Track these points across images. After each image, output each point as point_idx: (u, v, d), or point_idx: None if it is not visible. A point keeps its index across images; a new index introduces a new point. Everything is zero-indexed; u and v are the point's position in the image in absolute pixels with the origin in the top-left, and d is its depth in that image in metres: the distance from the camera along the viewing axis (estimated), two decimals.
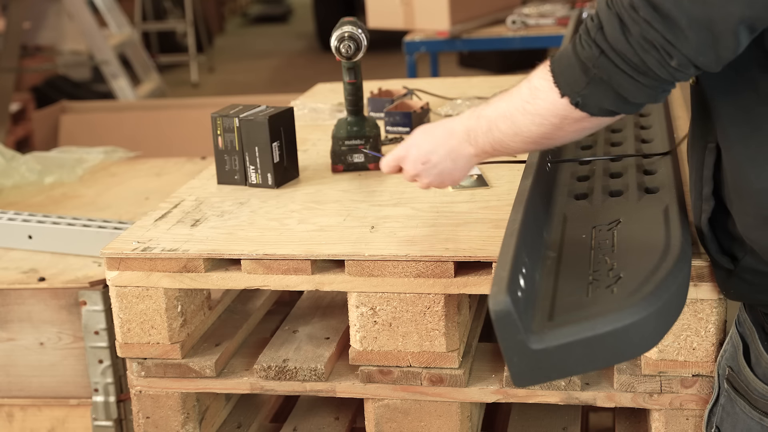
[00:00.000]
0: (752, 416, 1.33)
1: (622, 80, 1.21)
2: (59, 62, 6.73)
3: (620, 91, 1.22)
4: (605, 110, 1.26)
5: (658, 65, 1.18)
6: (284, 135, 1.92)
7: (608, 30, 1.20)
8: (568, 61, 1.25)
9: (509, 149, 1.41)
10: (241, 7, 13.20)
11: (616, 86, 1.22)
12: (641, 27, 1.16)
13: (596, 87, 1.23)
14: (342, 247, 1.60)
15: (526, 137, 1.35)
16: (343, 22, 1.91)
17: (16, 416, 2.14)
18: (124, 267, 1.65)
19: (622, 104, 1.25)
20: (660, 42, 1.16)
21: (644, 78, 1.20)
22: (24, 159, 2.84)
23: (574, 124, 1.29)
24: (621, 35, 1.18)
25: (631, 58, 1.19)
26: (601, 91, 1.23)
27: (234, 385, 1.71)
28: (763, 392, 1.31)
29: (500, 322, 1.14)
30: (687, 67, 1.18)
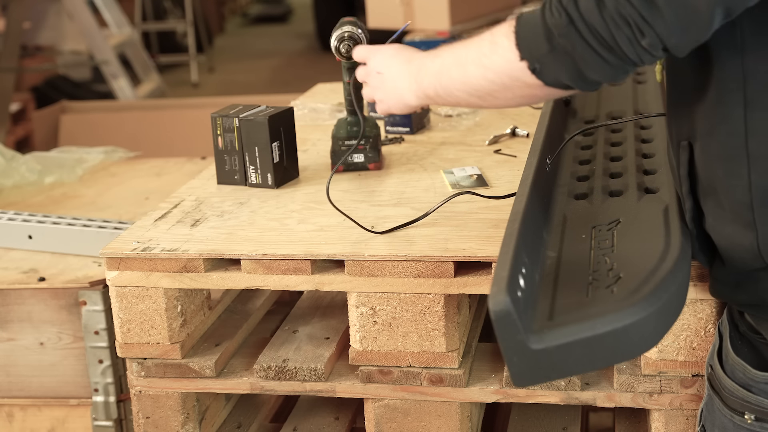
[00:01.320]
0: (725, 414, 1.34)
1: (586, 54, 1.19)
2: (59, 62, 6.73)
3: (581, 66, 1.20)
4: (561, 83, 1.24)
5: (627, 43, 1.16)
6: (284, 135, 1.92)
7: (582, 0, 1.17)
8: (534, 26, 1.23)
9: (452, 98, 1.39)
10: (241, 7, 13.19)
11: (578, 59, 1.20)
12: (617, 1, 1.14)
13: (557, 56, 1.21)
14: (342, 247, 1.60)
15: (473, 89, 1.34)
16: (343, 22, 1.91)
17: (16, 416, 2.14)
18: (124, 267, 1.65)
19: (579, 80, 1.22)
20: (635, 18, 1.14)
21: (610, 55, 1.18)
22: (24, 159, 2.84)
23: (525, 89, 1.28)
24: (595, 7, 1.15)
25: (601, 32, 1.16)
26: (561, 61, 1.21)
27: (234, 385, 1.71)
28: (731, 389, 1.32)
29: (500, 322, 1.14)
30: (656, 48, 1.16)
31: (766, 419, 1.29)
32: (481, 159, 1.99)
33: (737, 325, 1.34)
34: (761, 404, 1.29)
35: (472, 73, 1.32)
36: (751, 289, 1.28)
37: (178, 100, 5.99)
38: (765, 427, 1.29)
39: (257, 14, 12.91)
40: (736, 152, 1.22)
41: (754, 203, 1.22)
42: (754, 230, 1.23)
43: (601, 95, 2.12)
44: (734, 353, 1.32)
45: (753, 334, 1.31)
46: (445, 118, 2.32)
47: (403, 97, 1.52)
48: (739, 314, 1.35)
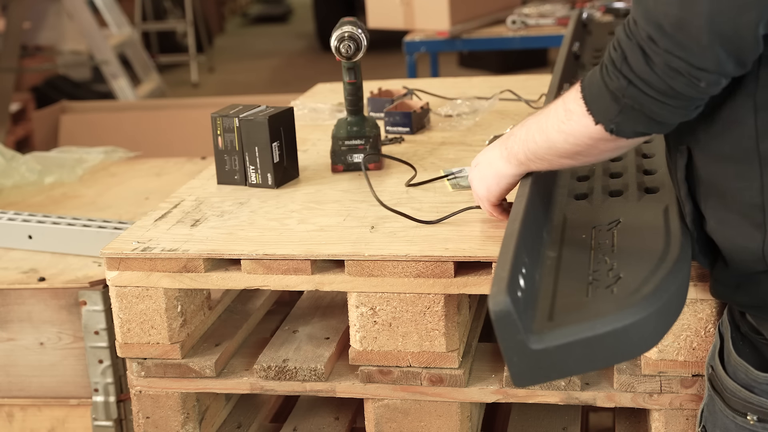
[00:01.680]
0: (727, 415, 1.34)
1: (653, 106, 1.22)
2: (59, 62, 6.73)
3: (652, 116, 1.24)
4: (640, 133, 1.28)
5: (687, 88, 1.19)
6: (284, 135, 1.92)
7: (632, 61, 1.20)
8: (599, 90, 1.27)
9: (543, 161, 1.43)
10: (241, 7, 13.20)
11: (648, 112, 1.23)
12: (664, 57, 1.17)
13: (628, 114, 1.25)
14: (342, 247, 1.60)
15: (560, 152, 1.38)
16: (343, 22, 1.91)
17: (16, 416, 2.14)
18: (124, 267, 1.65)
19: (656, 126, 1.26)
20: (685, 68, 1.17)
21: (674, 101, 1.21)
22: (24, 159, 2.84)
23: (609, 144, 1.31)
24: (646, 66, 1.19)
25: (659, 86, 1.20)
26: (633, 117, 1.25)
27: (234, 385, 1.71)
28: (734, 390, 1.33)
29: (500, 322, 1.14)
30: (718, 82, 1.19)
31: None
32: None
33: (738, 325, 1.35)
34: (764, 405, 1.29)
35: (555, 138, 1.36)
36: (752, 290, 1.28)
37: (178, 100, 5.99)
38: (767, 428, 1.29)
39: (257, 14, 12.91)
40: (748, 154, 1.23)
41: (765, 205, 1.23)
42: (763, 231, 1.23)
43: None
44: (736, 354, 1.32)
45: (754, 334, 1.31)
46: (445, 118, 2.32)
47: (495, 166, 1.53)
48: (740, 315, 1.35)
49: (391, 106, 2.27)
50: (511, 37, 4.44)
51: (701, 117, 1.27)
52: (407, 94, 2.43)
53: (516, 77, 2.87)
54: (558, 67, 2.22)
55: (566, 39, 2.49)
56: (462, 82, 2.81)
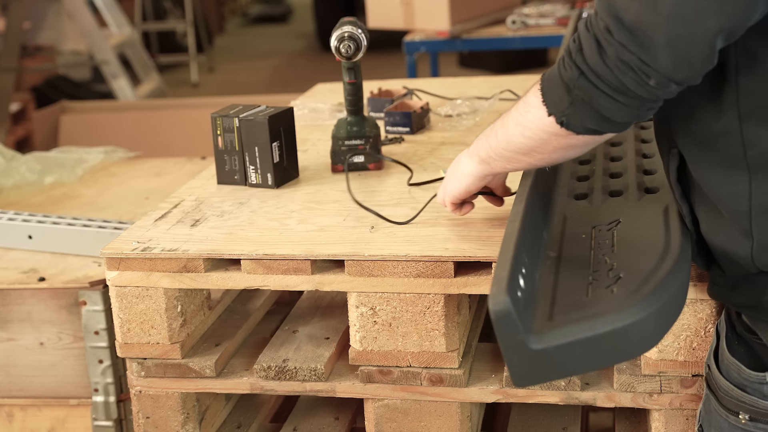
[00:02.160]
0: (720, 414, 1.34)
1: (602, 100, 1.22)
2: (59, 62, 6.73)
3: (601, 111, 1.24)
4: (589, 129, 1.28)
5: (636, 85, 1.19)
6: (284, 135, 1.92)
7: (587, 52, 1.21)
8: (554, 81, 1.27)
9: (503, 158, 1.43)
10: (241, 7, 13.20)
11: (597, 106, 1.23)
12: (617, 49, 1.17)
13: (579, 107, 1.25)
14: (342, 247, 1.60)
15: (516, 147, 1.38)
16: (343, 22, 1.91)
17: (16, 416, 2.14)
18: (124, 267, 1.65)
19: (605, 123, 1.26)
20: (636, 63, 1.17)
21: (624, 97, 1.21)
22: (24, 159, 2.84)
23: (562, 140, 1.31)
24: (598, 57, 1.19)
25: (609, 79, 1.20)
26: (583, 110, 1.25)
27: (234, 385, 1.71)
28: (727, 389, 1.33)
29: (500, 322, 1.14)
30: (666, 85, 1.19)
31: (760, 419, 1.29)
32: None
33: (734, 325, 1.35)
34: (755, 404, 1.29)
35: (512, 132, 1.37)
36: (747, 291, 1.29)
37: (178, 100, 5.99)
38: (759, 427, 1.30)
39: (257, 14, 12.91)
40: (736, 162, 1.23)
41: (752, 212, 1.23)
42: (751, 239, 1.24)
43: None
44: (729, 353, 1.33)
45: (749, 334, 1.32)
46: (445, 118, 2.32)
47: (460, 164, 1.55)
48: (736, 315, 1.35)
49: (391, 106, 2.27)
50: (511, 37, 4.44)
51: (697, 124, 1.27)
52: (407, 94, 2.43)
53: (516, 77, 2.87)
54: None
55: (566, 39, 2.49)
56: (462, 82, 2.81)
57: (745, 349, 1.32)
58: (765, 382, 1.28)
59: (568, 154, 1.36)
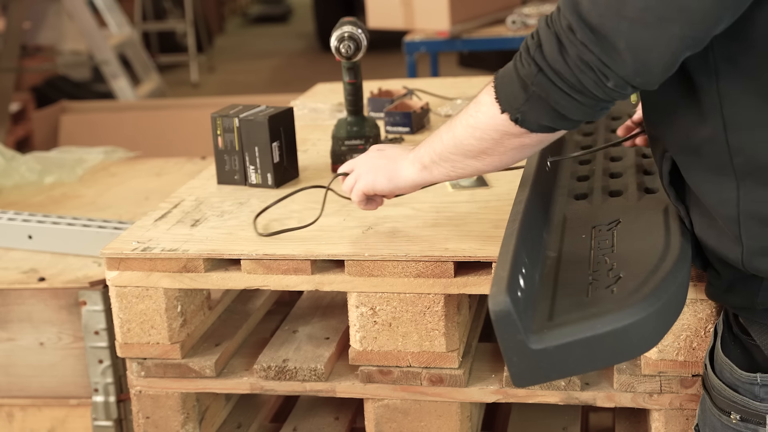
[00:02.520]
0: (714, 413, 1.35)
1: (559, 98, 1.22)
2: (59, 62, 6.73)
3: (557, 108, 1.24)
4: (544, 126, 1.28)
5: (594, 85, 1.19)
6: (284, 135, 1.92)
7: (546, 49, 1.21)
8: (509, 78, 1.27)
9: (449, 163, 1.41)
10: (241, 7, 13.19)
11: (553, 103, 1.23)
12: (578, 49, 1.17)
13: (534, 104, 1.25)
14: (342, 247, 1.60)
15: (465, 150, 1.37)
16: (343, 22, 1.91)
17: (16, 416, 2.14)
18: (124, 267, 1.65)
19: (560, 121, 1.26)
20: (596, 64, 1.17)
21: (581, 96, 1.21)
22: (24, 159, 2.84)
23: (514, 140, 1.31)
24: (558, 55, 1.19)
25: (567, 77, 1.20)
26: (539, 107, 1.25)
27: (234, 385, 1.71)
28: (719, 389, 1.33)
29: (500, 322, 1.14)
30: (624, 88, 1.19)
31: (750, 419, 1.30)
32: None
33: (731, 326, 1.35)
34: (747, 404, 1.29)
35: (461, 134, 1.36)
36: (741, 293, 1.29)
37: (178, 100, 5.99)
38: (749, 428, 1.30)
39: (257, 14, 12.91)
40: (724, 169, 1.23)
41: (740, 218, 1.23)
42: (740, 245, 1.24)
43: None
44: (723, 353, 1.33)
45: (744, 335, 1.32)
46: (445, 118, 2.32)
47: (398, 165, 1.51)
48: (733, 316, 1.35)
49: (391, 106, 2.27)
50: (511, 37, 4.44)
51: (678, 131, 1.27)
52: (407, 94, 2.43)
53: None
54: None
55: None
56: (462, 82, 2.81)
57: (740, 349, 1.33)
58: (756, 383, 1.28)
59: (518, 155, 1.35)
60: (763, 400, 1.28)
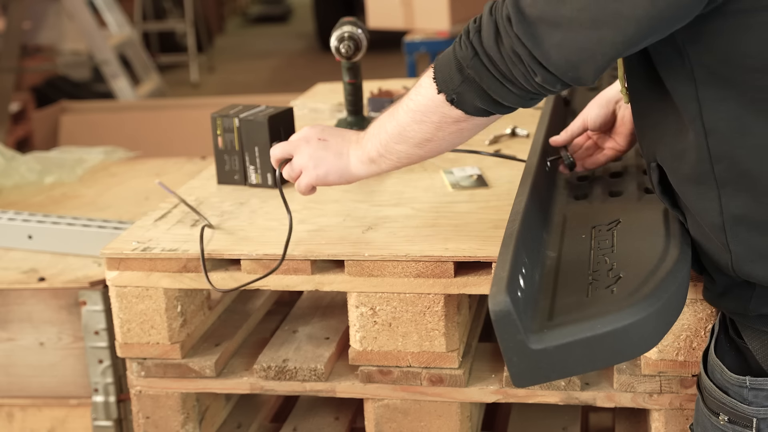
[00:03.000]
0: (705, 413, 1.35)
1: (491, 83, 1.26)
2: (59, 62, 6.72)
3: (490, 93, 1.27)
4: (479, 109, 1.31)
5: (523, 78, 1.23)
6: (284, 135, 1.92)
7: (484, 35, 1.24)
8: (447, 60, 1.30)
9: (393, 155, 1.44)
10: (241, 7, 13.20)
11: (486, 88, 1.27)
12: (512, 40, 1.20)
13: (469, 86, 1.29)
14: (342, 247, 1.60)
15: (408, 137, 1.40)
16: (343, 22, 1.91)
17: (16, 416, 2.14)
18: (124, 267, 1.65)
19: (493, 105, 1.30)
20: (526, 58, 1.20)
21: (512, 86, 1.25)
22: (24, 159, 2.84)
23: (453, 124, 1.34)
24: (494, 43, 1.23)
25: (500, 66, 1.24)
26: (473, 90, 1.29)
27: (234, 385, 1.71)
28: (710, 390, 1.34)
29: (500, 322, 1.14)
30: (553, 84, 1.22)
31: (738, 422, 1.30)
32: (481, 159, 1.99)
33: (727, 328, 1.35)
34: (735, 407, 1.30)
35: (403, 120, 1.39)
36: (735, 298, 1.30)
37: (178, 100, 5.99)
38: (737, 430, 1.30)
39: (257, 14, 12.91)
40: (706, 177, 1.23)
41: (726, 226, 1.24)
42: (729, 251, 1.24)
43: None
44: (715, 354, 1.33)
45: (738, 338, 1.32)
46: None
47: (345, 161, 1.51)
48: (729, 318, 1.35)
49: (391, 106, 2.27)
50: None
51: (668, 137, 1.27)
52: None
53: None
54: None
55: None
56: None
57: (734, 352, 1.33)
58: (746, 386, 1.28)
59: (457, 139, 1.39)
60: (751, 404, 1.28)
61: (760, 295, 1.25)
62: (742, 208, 1.21)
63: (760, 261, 1.22)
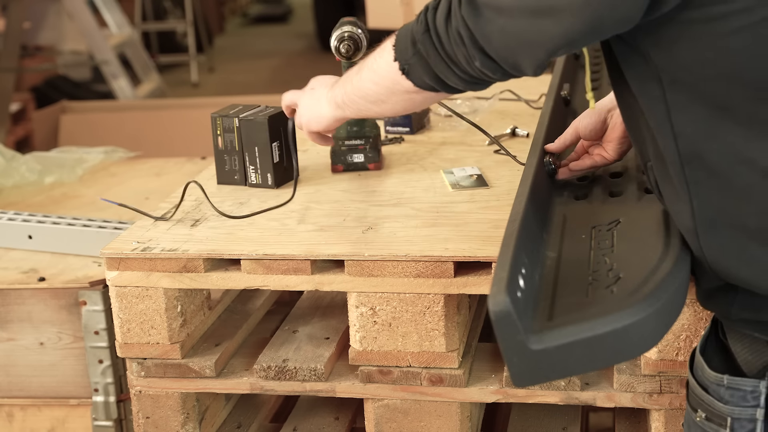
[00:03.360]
0: (688, 409, 1.35)
1: (437, 62, 1.28)
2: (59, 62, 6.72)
3: (436, 71, 1.30)
4: (426, 84, 1.33)
5: (464, 61, 1.24)
6: (284, 135, 1.92)
7: (439, 13, 1.26)
8: (406, 31, 1.33)
9: (354, 105, 1.49)
10: (241, 7, 13.19)
11: (432, 65, 1.29)
12: (458, 21, 1.22)
13: (419, 60, 1.31)
14: (342, 247, 1.60)
15: (365, 95, 1.44)
16: (342, 22, 1.91)
17: (16, 416, 2.14)
18: (124, 267, 1.65)
19: (440, 84, 1.32)
20: (468, 41, 1.22)
21: (455, 67, 1.27)
22: (24, 159, 2.84)
23: (404, 94, 1.37)
24: (444, 22, 1.25)
25: (445, 45, 1.25)
26: (422, 65, 1.31)
27: (234, 385, 1.71)
28: (692, 387, 1.34)
29: (500, 322, 1.14)
30: (494, 71, 1.24)
31: (713, 419, 1.31)
32: (481, 159, 1.99)
33: (717, 328, 1.35)
34: (712, 405, 1.30)
35: (364, 76, 1.43)
36: (719, 302, 1.30)
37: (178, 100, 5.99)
38: (712, 427, 1.31)
39: (257, 14, 12.90)
40: (678, 179, 1.23)
41: (698, 230, 1.24)
42: (702, 254, 1.24)
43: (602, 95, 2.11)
44: (701, 353, 1.34)
45: (724, 339, 1.33)
46: (445, 118, 2.31)
47: (320, 107, 1.59)
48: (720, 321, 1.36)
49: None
50: None
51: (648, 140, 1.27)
52: None
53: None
54: (558, 67, 2.22)
55: None
56: None
57: (721, 352, 1.33)
58: (723, 384, 1.29)
59: (409, 107, 1.41)
60: (727, 402, 1.29)
61: (742, 299, 1.25)
62: (712, 210, 1.21)
63: (735, 262, 1.22)
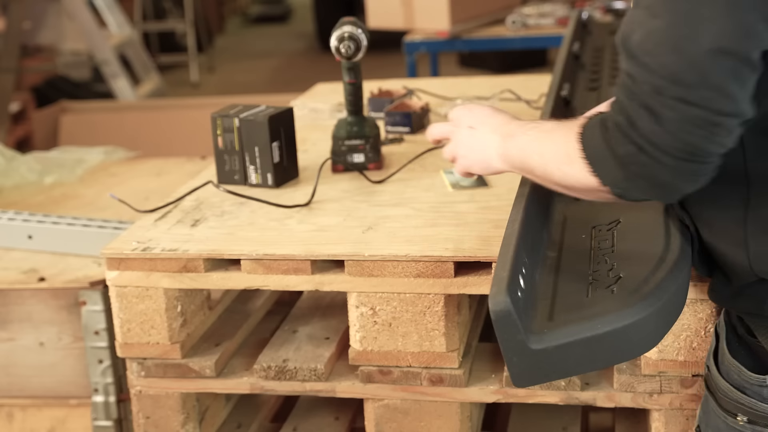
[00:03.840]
0: (719, 415, 1.34)
1: (663, 174, 1.13)
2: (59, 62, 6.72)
3: (660, 185, 1.16)
4: (646, 199, 1.22)
5: (705, 142, 1.09)
6: (284, 135, 1.92)
7: (640, 123, 1.10)
8: (602, 154, 1.18)
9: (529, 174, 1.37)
10: (241, 7, 13.19)
11: (656, 180, 1.15)
12: (676, 109, 1.08)
13: (636, 182, 1.17)
14: (342, 247, 1.60)
15: (554, 182, 1.30)
16: (343, 22, 1.91)
17: (16, 416, 2.14)
18: (124, 267, 1.65)
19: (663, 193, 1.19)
20: (702, 116, 1.08)
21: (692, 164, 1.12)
22: (24, 159, 2.84)
23: (599, 193, 1.24)
24: (655, 125, 1.09)
25: (674, 145, 1.09)
26: (641, 185, 1.17)
27: (234, 385, 1.71)
28: (725, 390, 1.33)
29: (500, 322, 1.14)
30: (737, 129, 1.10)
31: (758, 422, 1.29)
32: None
33: (735, 327, 1.35)
34: (754, 407, 1.29)
35: (553, 173, 1.28)
36: (749, 298, 1.29)
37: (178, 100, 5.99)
38: (757, 430, 1.29)
39: (257, 14, 12.90)
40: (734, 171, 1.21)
41: (747, 221, 1.22)
42: (745, 249, 1.23)
43: (601, 97, 2.11)
44: (730, 355, 1.33)
45: (750, 337, 1.32)
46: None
47: (489, 158, 1.44)
48: (737, 318, 1.35)
49: (391, 106, 2.27)
50: (511, 37, 4.44)
51: None
52: (407, 94, 2.43)
53: (516, 77, 2.87)
54: (558, 67, 2.22)
55: (566, 39, 2.49)
56: (462, 82, 2.81)
57: (745, 351, 1.32)
58: (765, 384, 1.28)
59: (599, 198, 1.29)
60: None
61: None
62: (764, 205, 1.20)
63: None
